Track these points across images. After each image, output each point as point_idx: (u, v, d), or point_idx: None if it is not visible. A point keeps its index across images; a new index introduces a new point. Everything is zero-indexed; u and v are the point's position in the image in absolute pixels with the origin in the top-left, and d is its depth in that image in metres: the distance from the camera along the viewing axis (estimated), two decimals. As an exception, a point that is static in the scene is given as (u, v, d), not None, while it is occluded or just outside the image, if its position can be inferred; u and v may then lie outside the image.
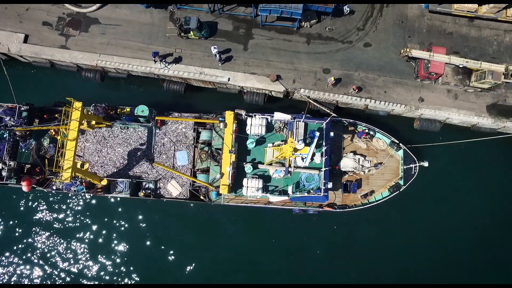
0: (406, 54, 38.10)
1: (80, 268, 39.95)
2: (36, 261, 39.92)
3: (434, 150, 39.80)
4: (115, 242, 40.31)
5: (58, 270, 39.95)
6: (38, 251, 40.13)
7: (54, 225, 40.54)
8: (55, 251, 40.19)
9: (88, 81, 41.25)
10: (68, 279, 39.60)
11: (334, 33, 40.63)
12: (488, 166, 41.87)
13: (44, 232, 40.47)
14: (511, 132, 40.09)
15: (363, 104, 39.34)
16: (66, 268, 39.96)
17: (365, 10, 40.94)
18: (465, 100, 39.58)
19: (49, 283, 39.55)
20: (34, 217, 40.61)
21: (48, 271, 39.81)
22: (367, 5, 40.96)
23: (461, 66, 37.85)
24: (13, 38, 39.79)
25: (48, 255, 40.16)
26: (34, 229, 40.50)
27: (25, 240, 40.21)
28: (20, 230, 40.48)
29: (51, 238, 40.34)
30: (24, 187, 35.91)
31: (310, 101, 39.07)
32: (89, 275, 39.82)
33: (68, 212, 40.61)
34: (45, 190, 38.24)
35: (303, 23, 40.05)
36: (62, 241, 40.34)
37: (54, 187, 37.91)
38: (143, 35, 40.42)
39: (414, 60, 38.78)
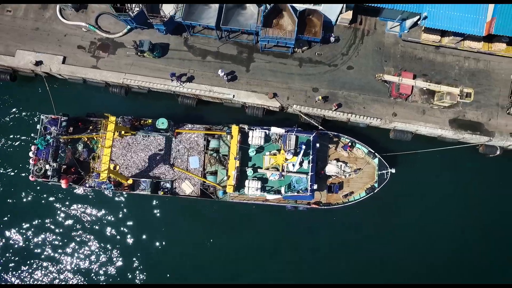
0: (380, 78, 45.54)
1: (98, 258, 47.10)
2: (63, 249, 47.28)
3: (407, 157, 46.08)
4: (132, 234, 47.43)
5: (79, 258, 47.27)
6: (68, 237, 47.24)
7: (84, 217, 47.38)
8: (83, 240, 47.27)
9: (114, 95, 47.67)
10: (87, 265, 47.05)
11: (322, 57, 47.24)
12: (452, 170, 48.34)
13: (74, 222, 47.46)
14: (470, 142, 46.89)
15: (346, 118, 46.37)
16: (86, 257, 47.18)
17: (349, 38, 47.69)
18: (431, 115, 46.53)
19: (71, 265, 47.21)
20: (67, 209, 47.47)
21: (71, 254, 47.30)
22: (350, 33, 47.74)
23: (425, 88, 45.41)
24: (54, 60, 46.73)
25: (76, 243, 47.30)
26: (66, 219, 47.41)
27: (55, 228, 47.42)
28: (54, 220, 47.50)
29: (80, 227, 47.47)
30: (63, 184, 42.64)
31: (301, 115, 46.14)
32: (101, 266, 47.06)
33: (98, 206, 47.51)
34: (79, 187, 45.66)
35: (296, 49, 46.71)
36: (87, 231, 47.42)
37: (87, 185, 44.81)
38: (161, 58, 47.19)
39: (388, 82, 46.23)
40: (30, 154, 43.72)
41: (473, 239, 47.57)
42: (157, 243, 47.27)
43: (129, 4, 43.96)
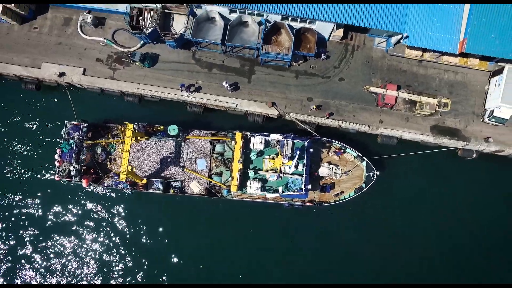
0: (367, 89, 50.88)
1: (108, 254, 51.84)
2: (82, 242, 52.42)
3: (393, 159, 51.42)
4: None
5: (95, 248, 52.16)
6: (87, 231, 52.20)
7: (100, 214, 52.31)
8: (96, 235, 52.20)
9: (129, 103, 52.96)
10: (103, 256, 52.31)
11: (317, 70, 52.28)
12: (434, 171, 53.35)
13: (90, 219, 52.39)
14: (449, 146, 51.93)
15: (337, 124, 51.44)
16: (101, 248, 52.06)
17: (340, 52, 52.66)
18: (414, 122, 51.66)
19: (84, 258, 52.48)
20: (86, 206, 52.46)
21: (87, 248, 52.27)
22: (342, 48, 52.74)
23: (407, 98, 50.76)
24: (75, 71, 51.85)
25: (93, 237, 52.28)
26: (85, 215, 52.33)
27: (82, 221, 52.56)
28: (75, 215, 52.55)
29: (95, 223, 52.44)
30: (84, 183, 47.38)
31: (297, 122, 51.32)
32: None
33: (114, 204, 52.47)
34: (98, 186, 50.50)
35: (293, 62, 51.94)
36: (102, 227, 52.26)
37: (105, 184, 49.88)
38: (171, 70, 52.04)
39: (375, 93, 51.48)
40: (56, 156, 48.87)
41: (452, 234, 52.52)
42: (165, 238, 52.29)
43: (143, 23, 49.18)
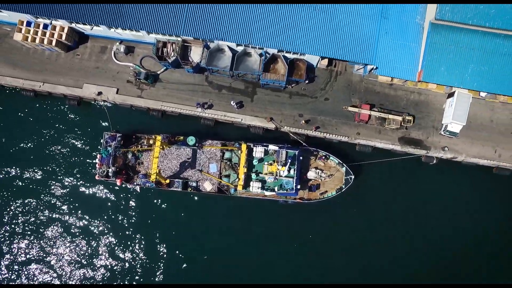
0: (346, 109, 62.92)
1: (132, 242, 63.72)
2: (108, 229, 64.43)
3: (368, 165, 63.11)
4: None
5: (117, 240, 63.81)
6: (117, 220, 63.81)
7: (126, 208, 63.86)
8: (128, 224, 63.90)
9: (153, 117, 64.38)
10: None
11: (306, 91, 63.72)
12: (402, 174, 64.71)
13: (125, 208, 63.87)
14: (414, 154, 63.43)
15: (323, 136, 63.14)
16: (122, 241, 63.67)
17: (326, 77, 64.12)
18: (385, 134, 63.28)
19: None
20: (116, 201, 64.10)
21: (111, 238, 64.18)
22: (327, 74, 64.15)
23: (377, 116, 62.84)
24: (110, 91, 63.30)
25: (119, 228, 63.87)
26: (113, 208, 64.00)
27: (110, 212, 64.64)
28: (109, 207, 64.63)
29: (127, 214, 64.19)
30: (118, 182, 58.96)
31: (290, 134, 62.96)
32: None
33: (143, 199, 63.86)
34: (129, 185, 62.19)
35: (287, 85, 63.60)
36: (132, 219, 63.96)
37: (135, 183, 61.50)
38: (188, 90, 63.46)
39: (353, 111, 63.50)
40: (96, 160, 60.61)
41: (416, 224, 64.36)
42: (180, 229, 64.07)
43: (167, 53, 60.91)
